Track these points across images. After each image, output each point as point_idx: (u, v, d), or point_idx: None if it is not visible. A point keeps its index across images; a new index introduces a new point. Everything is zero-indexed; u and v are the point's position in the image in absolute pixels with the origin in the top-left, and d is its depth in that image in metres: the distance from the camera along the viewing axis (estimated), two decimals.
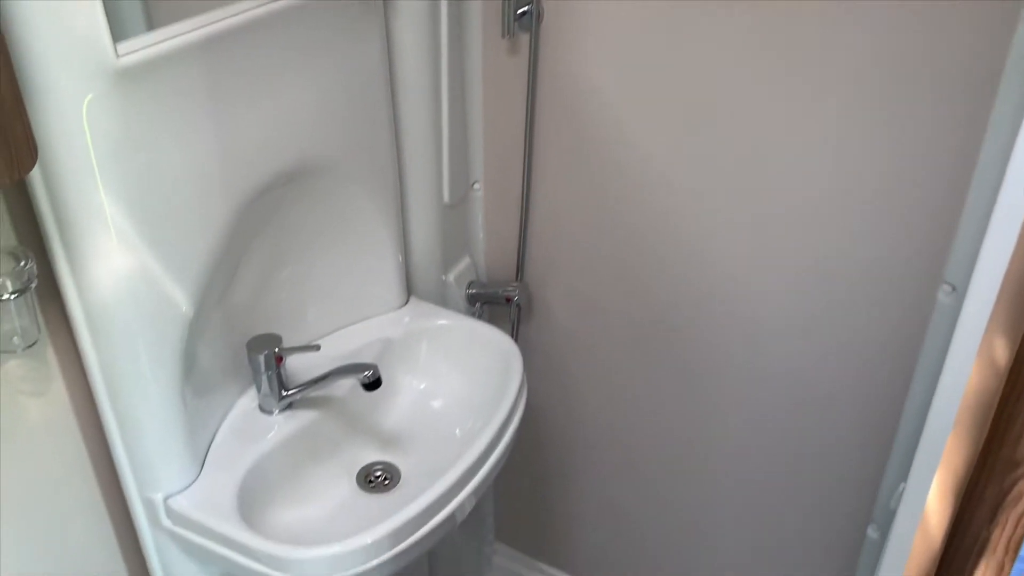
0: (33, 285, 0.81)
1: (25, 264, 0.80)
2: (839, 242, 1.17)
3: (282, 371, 1.10)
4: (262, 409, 1.13)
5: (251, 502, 1.04)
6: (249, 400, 1.14)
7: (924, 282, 1.13)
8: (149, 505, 1.02)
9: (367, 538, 0.97)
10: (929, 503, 0.62)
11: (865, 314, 1.20)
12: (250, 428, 1.11)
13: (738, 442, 1.42)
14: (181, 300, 0.94)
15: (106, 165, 0.81)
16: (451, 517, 1.08)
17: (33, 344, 0.87)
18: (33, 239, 0.86)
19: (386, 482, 1.19)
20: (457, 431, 1.24)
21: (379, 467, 1.21)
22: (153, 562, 1.08)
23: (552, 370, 1.56)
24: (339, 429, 1.20)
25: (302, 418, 1.14)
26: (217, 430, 1.10)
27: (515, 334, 1.52)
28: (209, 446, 1.07)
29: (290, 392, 1.12)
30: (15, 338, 0.84)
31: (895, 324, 1.18)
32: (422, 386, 1.30)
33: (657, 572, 1.67)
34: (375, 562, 0.99)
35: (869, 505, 1.34)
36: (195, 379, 1.01)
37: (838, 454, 1.33)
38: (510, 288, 1.46)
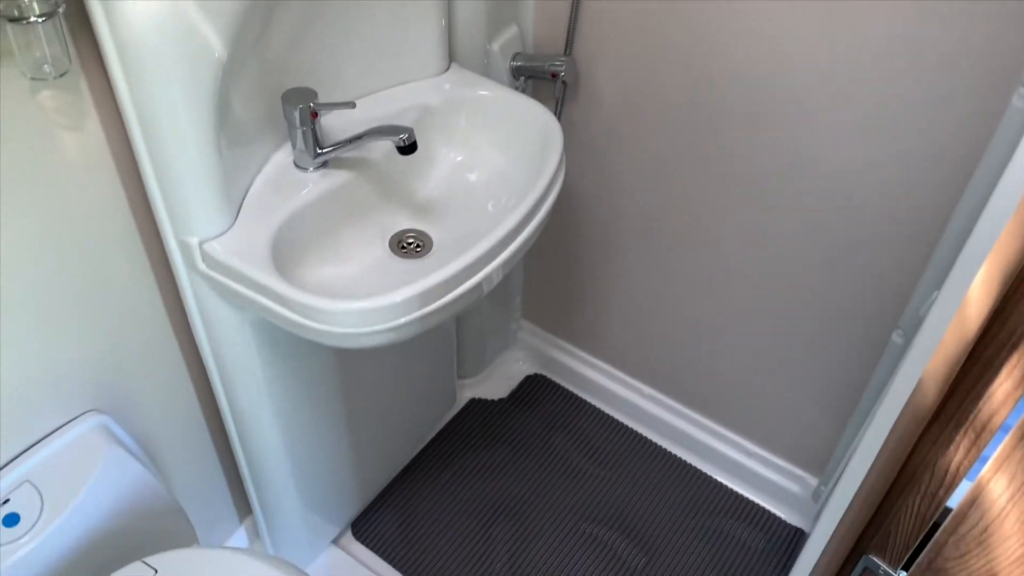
0: (61, 9, 0.78)
1: None
2: (915, 27, 1.09)
3: (317, 128, 1.08)
4: (297, 165, 1.12)
5: (284, 255, 1.06)
6: (284, 155, 1.13)
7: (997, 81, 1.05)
8: (185, 248, 1.04)
9: (397, 296, 0.99)
10: (972, 291, 0.60)
11: (930, 112, 1.13)
12: (285, 182, 1.10)
13: (775, 241, 1.40)
14: (214, 41, 0.90)
15: None
16: (478, 287, 1.09)
17: (64, 74, 0.86)
18: None
19: (418, 249, 1.20)
20: (490, 205, 1.23)
21: (412, 234, 1.22)
22: (190, 304, 1.12)
23: (592, 153, 1.52)
24: (374, 193, 1.20)
25: (337, 178, 1.13)
26: (252, 182, 1.10)
27: (558, 112, 1.48)
28: (244, 197, 1.08)
29: (325, 150, 1.10)
30: (45, 66, 0.82)
31: (958, 125, 1.12)
32: (459, 158, 1.28)
33: (676, 364, 1.71)
34: (403, 320, 1.01)
35: (898, 311, 1.34)
36: (230, 128, 1.00)
37: (875, 258, 1.31)
38: (557, 63, 1.40)
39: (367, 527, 1.67)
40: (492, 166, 1.26)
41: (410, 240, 1.21)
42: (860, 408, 1.43)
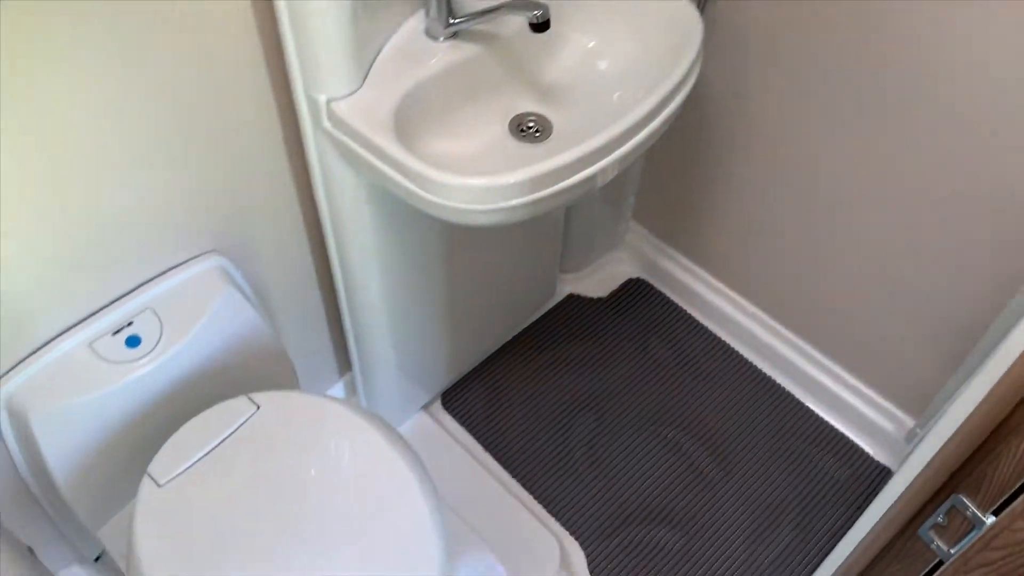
0: None
1: None
2: None
3: None
4: (428, 34, 1.12)
5: (406, 123, 1.06)
6: (417, 22, 1.12)
7: None
8: (313, 105, 1.06)
9: (510, 177, 0.99)
10: None
11: None
12: (415, 50, 1.10)
13: (913, 179, 1.32)
14: None
15: None
16: (593, 178, 1.08)
17: None
18: None
19: (537, 133, 1.19)
20: (616, 96, 1.20)
21: (532, 118, 1.20)
22: (313, 161, 1.15)
23: (730, 57, 1.45)
24: (500, 71, 1.18)
25: (466, 51, 1.12)
26: (383, 47, 1.10)
27: (701, 7, 1.41)
28: (374, 60, 1.08)
29: (458, 20, 1.09)
30: None
31: None
32: (591, 44, 1.24)
33: (785, 286, 1.67)
34: (513, 202, 1.01)
35: None
36: None
37: (1013, 218, 1.22)
38: None
39: (456, 399, 1.73)
40: (624, 56, 1.22)
41: (530, 124, 1.20)
42: (970, 358, 1.36)
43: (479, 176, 0.99)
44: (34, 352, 1.08)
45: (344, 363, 1.64)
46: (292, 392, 1.18)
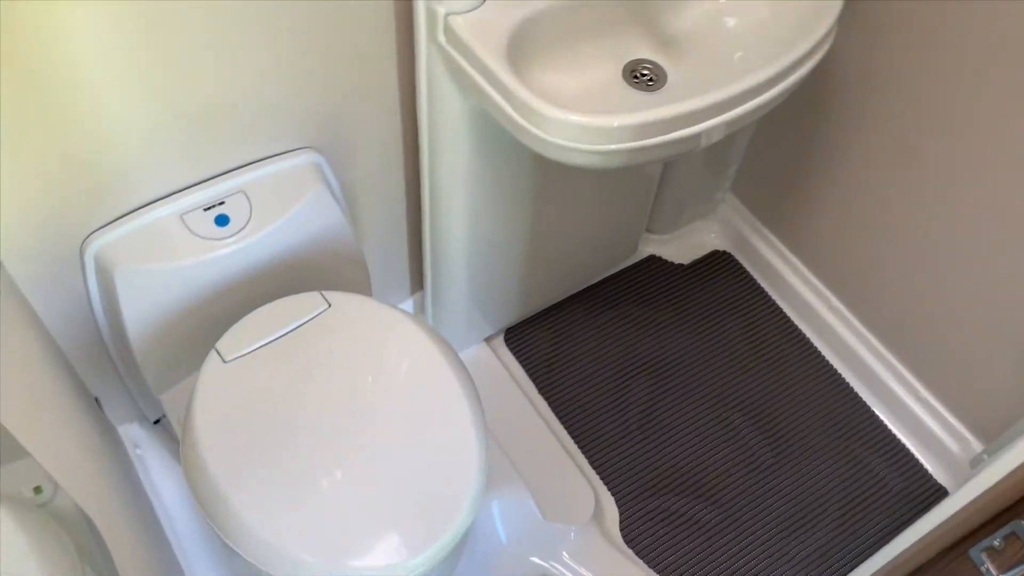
0: None
1: None
2: None
3: None
4: None
5: (519, 50, 1.05)
6: None
7: None
8: (431, 16, 1.05)
9: (614, 120, 0.97)
10: None
11: None
12: None
13: None
14: None
15: None
16: (698, 137, 1.05)
17: None
18: None
19: (650, 82, 1.16)
20: (738, 56, 1.16)
21: (648, 65, 1.17)
22: (421, 74, 1.14)
23: (871, 35, 1.38)
24: (624, 12, 1.15)
25: None
26: None
27: None
28: None
29: None
30: None
31: None
32: (723, 0, 1.20)
33: (875, 286, 1.61)
34: (613, 146, 0.99)
35: None
36: None
37: None
38: None
39: (519, 338, 1.73)
40: (755, 16, 1.17)
41: (645, 71, 1.17)
42: None
43: (583, 114, 0.97)
44: (130, 212, 1.12)
45: (417, 281, 1.66)
46: (363, 297, 1.20)
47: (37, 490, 0.87)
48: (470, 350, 1.69)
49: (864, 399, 1.71)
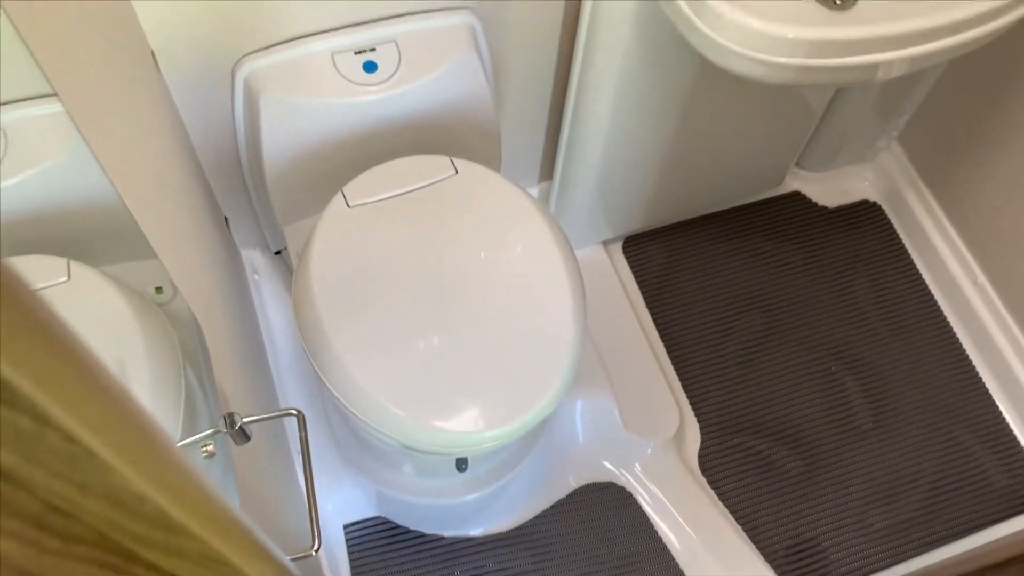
0: None
1: None
2: None
3: None
4: None
5: None
6: None
7: None
8: None
9: (790, 32, 0.91)
10: None
11: None
12: None
13: None
14: None
15: None
16: (874, 67, 0.97)
17: None
18: None
19: (838, 1, 1.07)
20: None
21: None
22: None
23: None
24: None
25: None
26: None
27: None
28: None
29: None
30: None
31: None
32: None
33: None
34: (782, 59, 0.93)
35: None
36: None
37: None
38: None
39: (637, 248, 1.70)
40: None
41: None
42: None
43: (760, 19, 0.91)
44: (284, 42, 1.13)
45: (547, 170, 1.64)
46: (491, 171, 1.19)
47: (158, 290, 0.92)
48: (586, 249, 1.67)
49: (988, 387, 1.60)
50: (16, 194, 0.80)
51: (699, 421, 1.54)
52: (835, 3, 1.07)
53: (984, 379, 1.61)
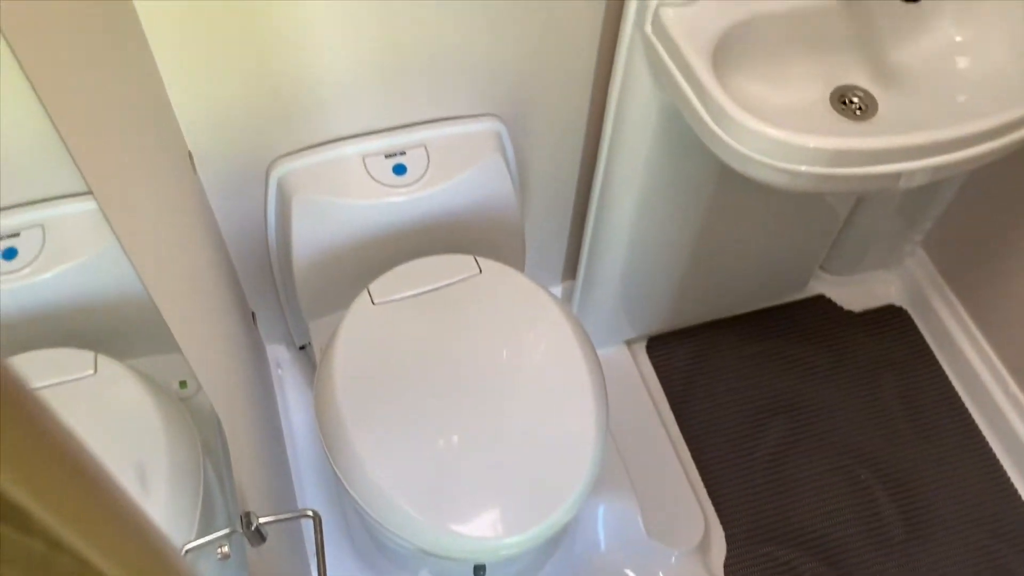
0: None
1: None
2: None
3: None
4: None
5: (725, 53, 1.01)
6: None
7: None
8: (642, 5, 1.03)
9: (811, 141, 0.92)
10: None
11: None
12: None
13: None
14: None
15: None
16: (896, 177, 0.97)
17: None
18: None
19: (858, 111, 1.09)
20: (962, 99, 1.07)
21: (859, 93, 1.10)
22: (619, 61, 1.12)
23: None
24: (846, 32, 1.09)
25: None
26: None
27: None
28: None
29: None
30: None
31: None
32: (959, 38, 1.11)
33: None
34: (803, 168, 0.94)
35: None
36: None
37: None
38: None
39: (661, 349, 1.69)
40: (991, 62, 1.08)
41: (855, 99, 1.10)
42: None
43: (778, 128, 0.92)
44: (317, 144, 1.17)
45: (570, 269, 1.65)
46: (515, 271, 1.20)
47: (182, 384, 0.93)
48: (609, 349, 1.67)
49: (1021, 495, 1.55)
50: (49, 288, 0.82)
51: (725, 529, 1.49)
52: (855, 113, 1.09)
53: (1017, 487, 1.56)
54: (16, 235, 0.79)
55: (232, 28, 0.97)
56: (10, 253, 0.80)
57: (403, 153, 1.18)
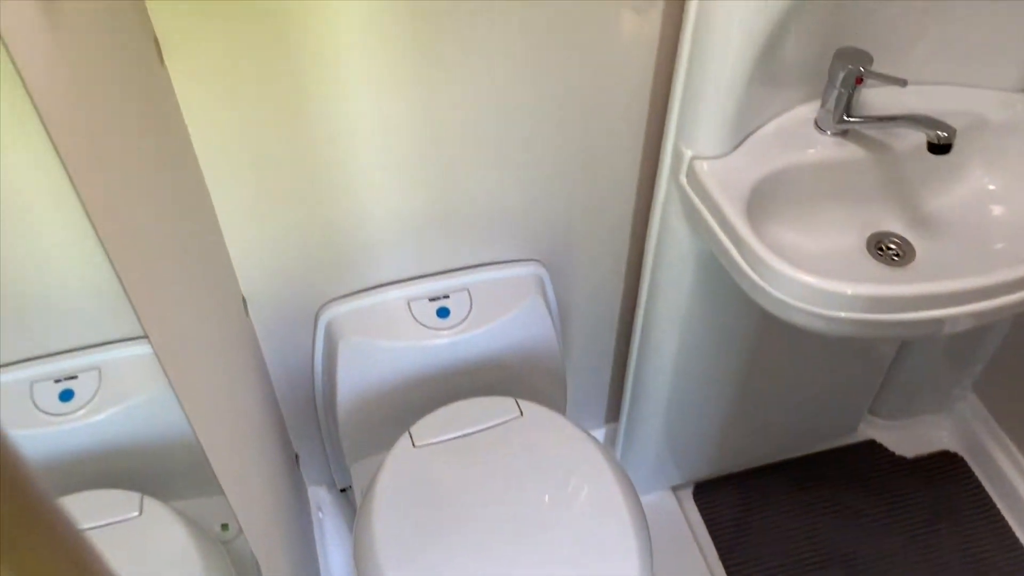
0: None
1: None
2: None
3: (855, 94, 1.03)
4: (816, 125, 1.08)
5: (760, 202, 1.04)
6: (808, 110, 1.09)
7: None
8: (676, 156, 1.08)
9: (848, 288, 0.93)
10: None
11: None
12: (797, 135, 1.08)
13: None
14: None
15: None
16: (939, 323, 0.97)
17: None
18: None
19: (895, 257, 1.10)
20: (999, 247, 1.07)
21: (895, 239, 1.12)
22: (656, 209, 1.16)
23: None
24: (878, 183, 1.11)
25: (850, 151, 1.07)
26: (764, 124, 1.09)
27: None
28: (751, 133, 1.07)
29: (853, 119, 1.05)
30: None
31: None
32: (992, 186, 1.13)
33: None
34: (843, 314, 0.95)
35: None
36: (771, 63, 0.99)
37: None
38: None
39: (708, 495, 1.65)
40: None
41: (891, 245, 1.11)
42: None
43: (815, 275, 0.94)
44: (365, 289, 1.21)
45: (612, 412, 1.64)
46: (556, 414, 1.20)
47: (224, 527, 0.93)
48: (654, 495, 1.63)
49: None
50: (102, 429, 0.84)
51: None
52: (892, 259, 1.10)
53: None
54: (74, 377, 0.83)
55: (290, 178, 1.04)
56: (67, 395, 0.83)
57: (446, 296, 1.22)
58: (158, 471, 0.89)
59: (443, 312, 1.21)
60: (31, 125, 0.54)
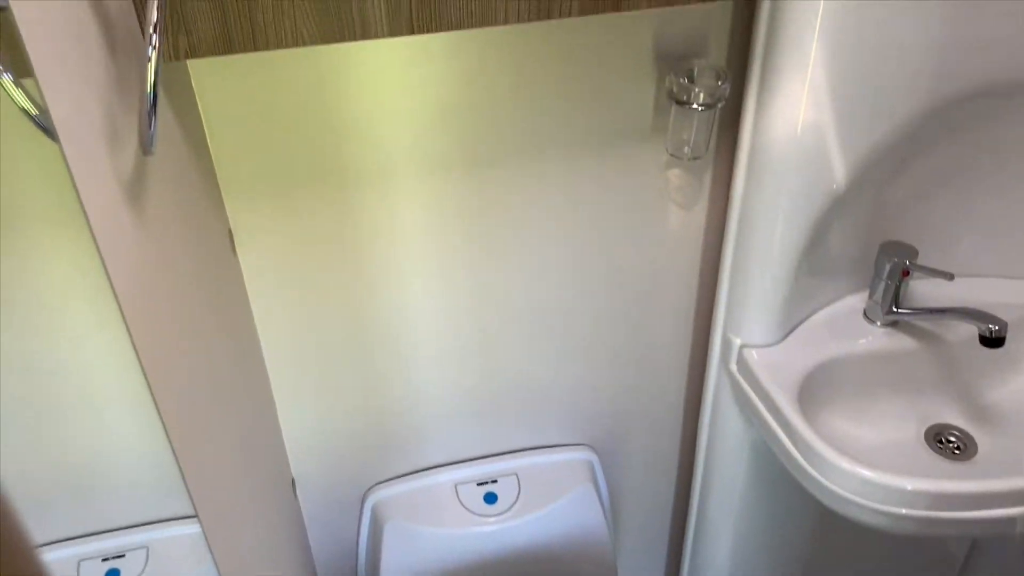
0: (720, 104, 0.88)
1: (722, 83, 0.87)
2: None
3: (902, 286, 1.04)
4: (866, 315, 1.09)
5: (811, 392, 1.03)
6: (857, 300, 1.10)
7: None
8: (726, 345, 1.08)
9: (907, 483, 0.90)
10: None
11: None
12: (846, 325, 1.08)
13: None
14: (839, 173, 0.93)
15: (825, 15, 0.82)
16: (1011, 522, 0.93)
17: (697, 159, 0.96)
18: (738, 65, 0.92)
19: (956, 451, 1.07)
20: None
21: (955, 432, 1.09)
22: (707, 397, 1.16)
23: None
24: (933, 374, 1.10)
25: (901, 342, 1.07)
26: (813, 313, 1.10)
27: None
28: (800, 322, 1.08)
29: (902, 311, 1.05)
30: (686, 148, 0.93)
31: None
32: None
33: None
34: (904, 511, 0.91)
35: None
36: (817, 255, 1.02)
37: None
38: None
39: None
40: None
41: (951, 438, 1.08)
42: None
43: (873, 468, 0.91)
44: (412, 472, 1.20)
45: None
46: None
47: None
48: None
49: None
50: None
51: None
52: (953, 452, 1.07)
53: None
54: (122, 556, 0.83)
55: (346, 364, 1.07)
56: (113, 574, 0.83)
57: (495, 481, 1.20)
58: None
59: (490, 498, 1.19)
60: (111, 312, 0.58)
